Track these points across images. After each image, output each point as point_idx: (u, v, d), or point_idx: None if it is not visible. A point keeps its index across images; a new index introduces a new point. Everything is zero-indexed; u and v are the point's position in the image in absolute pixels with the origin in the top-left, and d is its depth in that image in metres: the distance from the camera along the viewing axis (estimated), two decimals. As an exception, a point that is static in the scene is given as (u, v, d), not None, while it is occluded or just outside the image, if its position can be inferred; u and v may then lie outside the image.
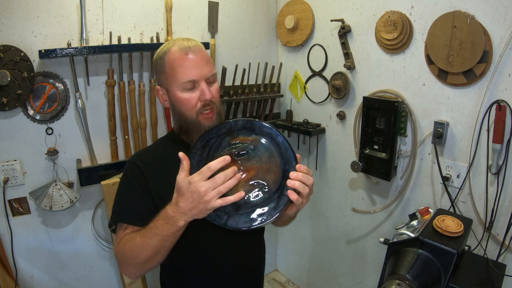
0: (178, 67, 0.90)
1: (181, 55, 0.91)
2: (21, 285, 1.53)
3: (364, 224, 1.79)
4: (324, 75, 1.86)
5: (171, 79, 0.92)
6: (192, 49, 0.91)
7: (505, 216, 1.22)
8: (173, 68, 0.91)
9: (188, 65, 0.90)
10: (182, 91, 0.92)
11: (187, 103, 0.92)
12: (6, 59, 1.30)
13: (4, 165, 1.41)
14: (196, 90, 0.92)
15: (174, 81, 0.92)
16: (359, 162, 1.61)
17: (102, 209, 1.68)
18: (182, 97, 0.92)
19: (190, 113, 0.93)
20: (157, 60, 0.96)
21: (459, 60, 1.24)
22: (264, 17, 2.04)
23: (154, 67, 1.00)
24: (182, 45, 0.92)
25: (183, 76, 0.90)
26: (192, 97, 0.92)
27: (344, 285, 2.00)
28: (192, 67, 0.90)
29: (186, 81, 0.90)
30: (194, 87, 0.92)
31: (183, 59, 0.90)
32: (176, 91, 0.92)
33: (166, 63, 0.92)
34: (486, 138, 1.24)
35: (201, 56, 0.92)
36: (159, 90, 0.98)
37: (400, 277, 0.86)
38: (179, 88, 0.92)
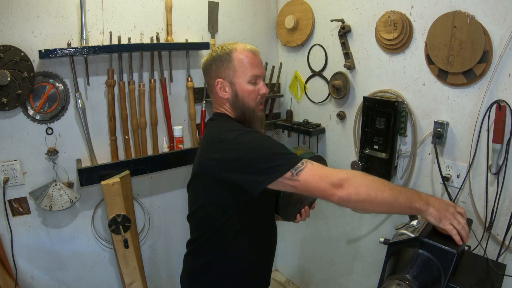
0: (248, 63, 1.07)
1: (251, 54, 1.08)
2: (21, 285, 1.53)
3: (364, 224, 1.79)
4: (324, 75, 1.86)
5: (240, 72, 1.07)
6: (256, 52, 1.11)
7: (505, 216, 1.22)
8: (243, 64, 1.06)
9: (256, 63, 1.08)
10: (248, 83, 1.07)
11: (252, 94, 1.08)
12: (6, 59, 1.30)
13: (4, 165, 1.41)
14: (257, 85, 1.09)
15: (243, 75, 1.07)
16: (359, 162, 1.61)
17: (102, 209, 1.68)
18: (249, 89, 1.08)
19: (251, 103, 1.09)
20: (222, 56, 1.08)
21: (459, 60, 1.24)
22: (264, 17, 2.04)
23: (214, 62, 1.10)
24: (248, 47, 1.10)
25: (251, 71, 1.07)
26: (254, 90, 1.09)
27: (344, 285, 2.00)
28: (258, 65, 1.09)
29: (254, 75, 1.07)
30: (256, 82, 1.09)
31: (253, 58, 1.08)
32: (243, 83, 1.07)
33: (234, 59, 1.07)
34: (486, 138, 1.24)
35: (261, 59, 1.12)
36: (221, 82, 1.09)
37: (400, 277, 0.86)
38: (246, 80, 1.07)
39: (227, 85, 1.08)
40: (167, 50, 1.67)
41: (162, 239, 1.91)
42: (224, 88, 1.09)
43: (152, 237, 1.86)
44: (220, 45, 1.12)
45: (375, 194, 0.86)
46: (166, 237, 1.92)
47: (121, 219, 1.48)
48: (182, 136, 1.73)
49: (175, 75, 1.74)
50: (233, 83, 1.08)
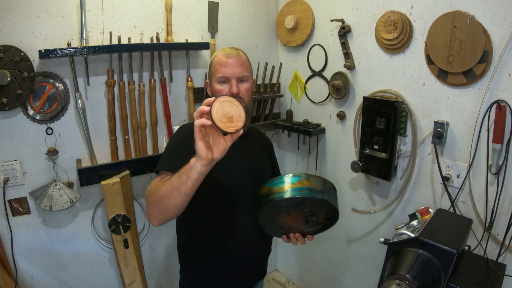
0: (218, 65, 1.17)
1: (223, 57, 1.18)
2: (21, 285, 1.53)
3: (364, 224, 1.79)
4: (324, 75, 1.86)
5: (212, 74, 1.20)
6: (230, 54, 1.18)
7: (505, 216, 1.22)
8: (215, 66, 1.18)
9: (225, 64, 1.16)
10: (217, 83, 1.17)
11: (219, 92, 1.17)
12: (6, 59, 1.30)
13: (4, 165, 1.41)
14: (227, 85, 1.16)
15: (213, 76, 1.19)
16: (359, 162, 1.61)
17: (102, 209, 1.68)
18: (217, 87, 1.18)
19: None
20: (210, 61, 1.23)
21: (459, 60, 1.24)
22: (264, 17, 2.04)
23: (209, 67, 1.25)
24: (225, 50, 1.20)
25: (218, 72, 1.17)
26: (223, 89, 1.16)
27: (344, 285, 2.00)
28: (228, 66, 1.16)
29: (220, 76, 1.16)
30: (225, 82, 1.16)
31: (222, 60, 1.17)
32: (214, 83, 1.19)
33: (213, 62, 1.20)
34: (486, 138, 1.24)
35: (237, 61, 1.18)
36: (207, 83, 1.25)
37: (400, 277, 0.86)
38: (216, 81, 1.18)
39: (209, 85, 1.24)
40: (167, 50, 1.67)
41: (162, 239, 1.91)
42: (208, 87, 1.25)
43: (152, 237, 1.86)
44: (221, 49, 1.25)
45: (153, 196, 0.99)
46: (166, 237, 1.92)
47: (121, 219, 1.48)
48: (182, 136, 1.73)
49: (175, 75, 1.74)
50: (211, 84, 1.21)
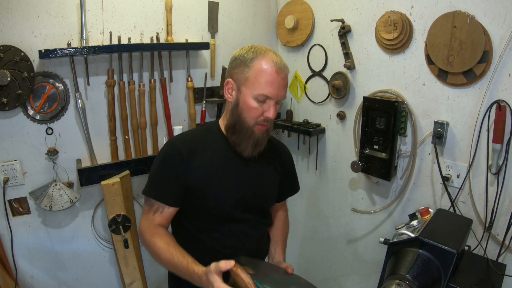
0: (263, 78, 0.98)
1: (272, 71, 0.98)
2: (21, 285, 1.53)
3: (364, 224, 1.79)
4: (324, 75, 1.86)
5: (251, 84, 0.99)
6: (283, 70, 1.00)
7: (505, 216, 1.22)
8: (258, 77, 0.98)
9: (272, 82, 0.98)
10: (253, 99, 0.99)
11: (253, 112, 1.01)
12: (6, 59, 1.30)
13: (4, 165, 1.41)
14: (264, 104, 1.00)
15: (252, 87, 0.99)
16: (359, 162, 1.61)
17: (102, 209, 1.68)
18: (251, 104, 1.00)
19: (250, 120, 1.02)
20: (244, 56, 1.01)
21: (459, 60, 1.24)
22: (264, 17, 2.04)
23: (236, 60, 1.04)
24: (276, 61, 0.99)
25: (263, 89, 0.98)
26: (258, 109, 1.00)
27: (344, 285, 2.00)
28: (275, 86, 0.99)
29: (262, 94, 0.98)
30: (264, 101, 1.00)
31: (272, 76, 0.98)
32: (248, 96, 1.00)
33: (254, 66, 0.99)
34: (486, 138, 1.24)
35: (284, 80, 1.02)
36: (230, 83, 1.05)
37: (400, 277, 0.86)
38: (252, 95, 0.99)
39: (235, 89, 1.04)
40: (167, 50, 1.66)
41: (162, 239, 1.91)
42: (230, 90, 1.05)
43: (152, 237, 1.86)
44: (253, 46, 1.05)
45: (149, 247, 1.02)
46: (166, 237, 1.92)
47: (121, 219, 1.48)
48: (182, 136, 1.73)
49: (175, 75, 1.74)
50: (240, 91, 1.02)
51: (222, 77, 1.81)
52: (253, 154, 1.07)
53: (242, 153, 1.07)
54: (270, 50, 1.03)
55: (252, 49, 1.02)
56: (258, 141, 1.06)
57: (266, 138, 1.09)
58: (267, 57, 0.99)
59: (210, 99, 1.83)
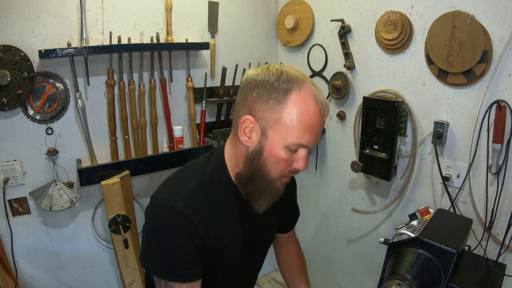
0: (304, 123, 0.73)
1: (316, 113, 0.74)
2: (21, 285, 1.53)
3: (364, 224, 1.79)
4: (324, 75, 1.86)
5: (285, 129, 0.74)
6: (326, 112, 0.78)
7: (505, 216, 1.22)
8: (297, 120, 0.73)
9: (314, 127, 0.75)
10: (284, 149, 0.76)
11: (281, 164, 0.78)
12: (6, 59, 1.30)
13: (4, 165, 1.41)
14: (295, 154, 0.78)
15: (286, 133, 0.74)
16: (359, 162, 1.61)
17: (102, 209, 1.68)
18: (281, 156, 0.76)
19: (275, 173, 0.80)
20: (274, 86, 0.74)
21: (459, 60, 1.24)
22: (264, 17, 2.04)
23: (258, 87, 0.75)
24: (319, 97, 0.75)
25: (300, 137, 0.74)
26: (288, 160, 0.78)
27: (344, 285, 2.00)
28: (316, 133, 0.77)
29: (299, 143, 0.75)
30: (296, 150, 0.78)
31: (315, 119, 0.75)
32: (278, 145, 0.75)
33: (290, 103, 0.73)
34: (486, 138, 1.24)
35: (324, 122, 0.80)
36: (251, 122, 0.76)
37: (400, 277, 0.86)
38: (284, 143, 0.75)
39: (257, 131, 0.77)
40: (167, 50, 1.66)
41: (162, 239, 1.91)
42: (249, 132, 0.78)
43: (152, 237, 1.86)
44: (282, 68, 0.76)
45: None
46: (166, 237, 1.92)
47: (121, 219, 1.48)
48: (182, 136, 1.73)
49: (175, 75, 1.74)
50: (266, 135, 0.76)
51: (222, 77, 1.81)
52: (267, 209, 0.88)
53: (255, 209, 0.87)
54: (306, 77, 0.77)
55: (284, 75, 0.75)
56: (277, 195, 0.86)
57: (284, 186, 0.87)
58: (307, 90, 0.74)
59: (210, 99, 1.83)
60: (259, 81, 0.76)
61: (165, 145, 1.73)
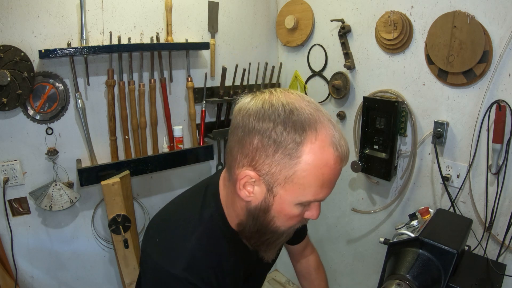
0: (322, 179, 0.60)
1: (336, 164, 0.60)
2: (21, 285, 1.53)
3: (364, 224, 1.79)
4: (324, 75, 1.86)
5: (298, 187, 0.60)
6: (347, 157, 0.63)
7: (505, 216, 1.22)
8: (313, 177, 0.59)
9: (333, 181, 0.63)
10: (296, 206, 0.64)
11: (293, 220, 0.67)
12: (6, 59, 1.30)
13: (4, 165, 1.41)
14: (307, 208, 0.68)
15: (299, 192, 0.61)
16: (359, 162, 1.61)
17: (102, 209, 1.68)
18: (292, 213, 0.65)
19: (283, 228, 0.69)
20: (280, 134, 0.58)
21: (459, 60, 1.24)
22: (264, 17, 2.04)
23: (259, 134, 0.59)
24: (340, 143, 0.60)
25: (317, 194, 0.62)
26: (299, 215, 0.66)
27: (344, 285, 2.00)
28: (333, 183, 0.63)
29: (315, 199, 0.64)
30: (309, 205, 0.67)
31: (334, 173, 0.61)
32: (290, 204, 0.63)
33: (305, 158, 0.58)
34: (486, 138, 1.24)
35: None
36: (252, 178, 0.62)
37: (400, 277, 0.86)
38: (298, 201, 0.63)
39: (261, 186, 0.63)
40: (167, 50, 1.66)
41: (162, 239, 1.91)
42: (251, 186, 0.64)
43: (152, 237, 1.86)
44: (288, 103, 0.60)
45: None
46: (166, 237, 1.92)
47: (121, 219, 1.48)
48: (182, 136, 1.73)
49: (175, 75, 1.74)
50: (273, 192, 0.63)
51: (222, 77, 1.81)
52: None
53: (264, 259, 0.78)
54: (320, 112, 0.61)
55: (294, 117, 0.58)
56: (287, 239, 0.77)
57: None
58: (325, 135, 0.59)
59: (210, 99, 1.83)
60: (261, 125, 0.59)
61: (165, 145, 1.73)
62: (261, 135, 0.59)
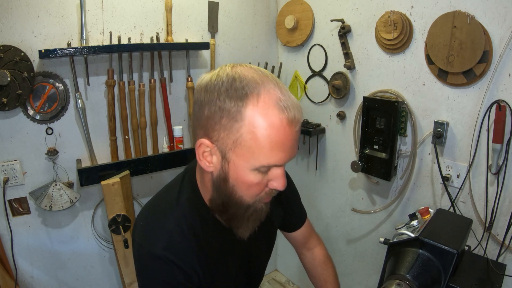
0: (269, 140, 0.60)
1: (283, 125, 0.60)
2: (21, 285, 1.53)
3: (364, 224, 1.79)
4: (324, 75, 1.86)
5: (247, 151, 0.61)
6: (298, 117, 0.62)
7: (505, 216, 1.22)
8: (260, 140, 0.60)
9: (285, 143, 0.61)
10: (252, 172, 0.64)
11: (253, 188, 0.67)
12: (6, 59, 1.30)
13: (4, 165, 1.41)
14: (269, 173, 0.66)
15: (250, 157, 0.62)
16: (359, 162, 1.61)
17: (102, 209, 1.68)
18: (251, 180, 0.65)
19: (249, 198, 0.69)
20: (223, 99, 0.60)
21: (459, 60, 1.24)
22: (264, 17, 2.04)
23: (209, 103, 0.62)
24: (286, 103, 0.60)
25: (268, 158, 0.62)
26: (262, 182, 0.66)
27: (344, 285, 1.99)
28: (288, 148, 0.63)
29: (269, 164, 0.63)
30: (269, 170, 0.66)
31: (282, 134, 0.60)
32: (244, 170, 0.63)
33: (248, 119, 0.59)
34: (486, 138, 1.24)
35: (299, 131, 0.64)
36: (206, 145, 0.65)
37: (400, 277, 0.86)
38: (251, 166, 0.63)
39: (217, 154, 0.65)
40: (167, 50, 1.67)
41: (162, 239, 1.91)
42: (209, 156, 0.66)
43: (152, 237, 1.86)
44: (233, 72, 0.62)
45: None
46: (166, 237, 1.92)
47: (121, 219, 1.48)
48: (182, 136, 1.73)
49: (175, 75, 1.74)
50: (227, 160, 0.64)
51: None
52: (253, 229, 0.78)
53: (238, 236, 0.77)
54: (265, 77, 0.62)
55: (237, 83, 0.60)
56: (260, 216, 0.75)
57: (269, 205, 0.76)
58: (267, 97, 0.59)
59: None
60: (209, 96, 0.62)
61: (165, 145, 1.73)
62: (209, 105, 0.62)
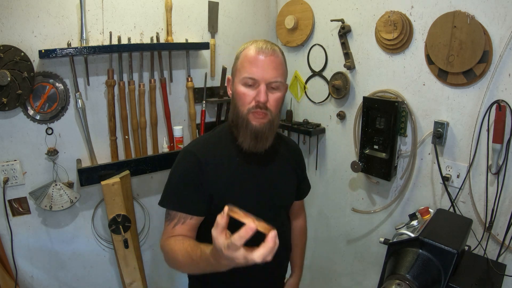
0: (247, 62, 0.96)
1: (254, 52, 0.96)
2: (21, 285, 1.53)
3: (364, 224, 1.79)
4: (324, 75, 1.86)
5: (238, 71, 0.99)
6: (264, 51, 0.96)
7: (505, 216, 1.22)
8: (243, 62, 0.98)
9: (255, 63, 0.95)
10: (242, 85, 0.97)
11: (242, 98, 0.97)
12: (6, 59, 1.30)
13: (4, 165, 1.41)
14: (254, 89, 0.96)
15: (238, 74, 0.98)
16: (359, 162, 1.61)
17: (102, 209, 1.68)
18: (240, 91, 0.97)
19: (242, 108, 0.98)
20: (237, 53, 1.03)
21: (459, 60, 1.24)
22: (264, 17, 2.04)
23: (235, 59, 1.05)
24: (261, 45, 0.97)
25: (246, 71, 0.96)
26: (248, 94, 0.97)
27: (344, 285, 2.00)
28: (258, 66, 0.95)
29: (246, 77, 0.96)
30: (253, 85, 0.96)
31: (254, 57, 0.96)
32: (237, 84, 0.98)
33: (240, 56, 1.00)
34: (486, 138, 1.24)
35: (271, 60, 0.96)
36: (229, 80, 1.06)
37: (400, 277, 0.86)
38: (240, 81, 0.97)
39: (231, 83, 1.04)
40: (167, 50, 1.67)
41: (162, 239, 1.91)
42: (229, 85, 1.06)
43: (152, 237, 1.86)
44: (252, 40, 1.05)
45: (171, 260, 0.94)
46: (166, 237, 1.92)
47: (121, 219, 1.48)
48: (182, 136, 1.73)
49: (175, 75, 1.74)
50: (234, 82, 1.01)
51: (222, 77, 1.81)
52: (256, 148, 1.01)
53: (241, 146, 1.02)
54: (261, 40, 1.01)
55: (244, 45, 1.03)
56: (257, 133, 0.99)
57: (269, 133, 1.01)
58: (254, 45, 0.98)
59: (210, 99, 1.83)
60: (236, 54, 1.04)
61: (165, 145, 1.73)
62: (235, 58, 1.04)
